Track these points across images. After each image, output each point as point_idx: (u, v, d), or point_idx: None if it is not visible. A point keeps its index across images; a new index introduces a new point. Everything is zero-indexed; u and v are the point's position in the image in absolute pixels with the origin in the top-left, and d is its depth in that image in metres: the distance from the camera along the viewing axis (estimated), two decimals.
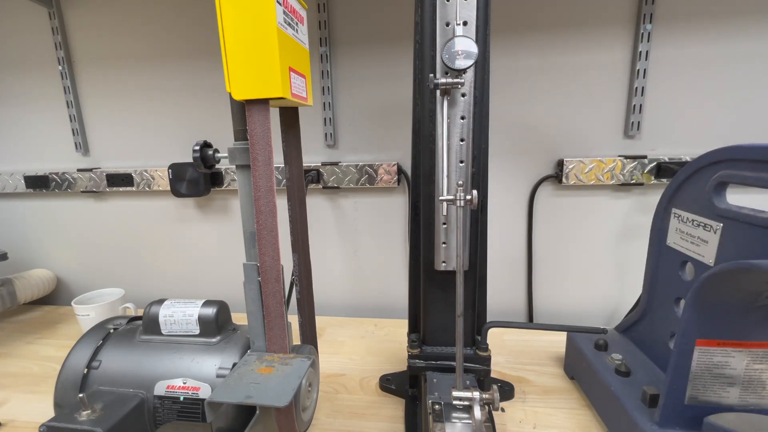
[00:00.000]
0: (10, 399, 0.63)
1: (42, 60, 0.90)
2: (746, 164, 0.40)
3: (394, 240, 0.89)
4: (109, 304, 0.81)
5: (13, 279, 0.90)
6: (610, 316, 0.87)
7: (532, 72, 0.77)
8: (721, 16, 0.70)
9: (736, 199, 0.43)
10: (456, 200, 0.43)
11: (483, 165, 0.50)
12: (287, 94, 0.38)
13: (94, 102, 0.91)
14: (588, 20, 0.73)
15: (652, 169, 0.76)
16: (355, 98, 0.83)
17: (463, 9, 0.45)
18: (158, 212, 0.95)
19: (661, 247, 0.53)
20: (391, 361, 0.70)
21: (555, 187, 0.82)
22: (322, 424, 0.55)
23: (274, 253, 0.41)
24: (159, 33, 0.85)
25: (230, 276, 0.97)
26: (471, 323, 0.55)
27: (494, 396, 0.42)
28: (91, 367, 0.47)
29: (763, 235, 0.38)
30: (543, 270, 0.86)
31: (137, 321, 0.54)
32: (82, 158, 0.95)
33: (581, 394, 0.60)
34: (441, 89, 0.45)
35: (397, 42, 0.79)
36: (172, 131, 0.90)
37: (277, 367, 0.41)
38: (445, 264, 0.52)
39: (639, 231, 0.81)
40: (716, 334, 0.40)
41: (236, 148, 0.42)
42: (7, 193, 0.99)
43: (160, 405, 0.45)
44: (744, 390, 0.41)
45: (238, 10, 0.36)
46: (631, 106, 0.75)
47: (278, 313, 0.42)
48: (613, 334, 0.62)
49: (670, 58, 0.73)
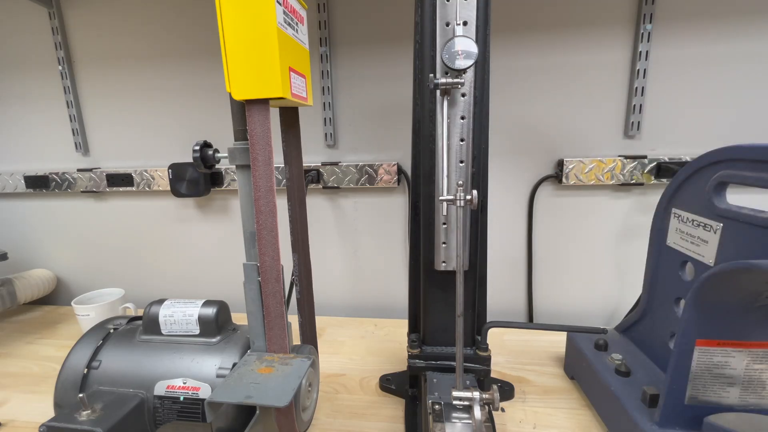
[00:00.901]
0: (10, 399, 0.63)
1: (42, 60, 0.90)
2: (746, 164, 0.40)
3: (394, 240, 0.89)
4: (109, 304, 0.81)
5: (13, 279, 0.90)
6: (610, 316, 0.87)
7: (532, 72, 0.77)
8: (721, 16, 0.70)
9: (736, 199, 0.43)
10: (456, 200, 0.43)
11: (483, 165, 0.50)
12: (287, 94, 0.38)
13: (94, 102, 0.91)
14: (588, 20, 0.73)
15: (652, 169, 0.76)
16: (355, 98, 0.83)
17: (463, 9, 0.45)
18: (158, 212, 0.95)
19: (661, 247, 0.53)
20: (391, 361, 0.70)
21: (555, 187, 0.82)
22: (322, 424, 0.55)
23: (274, 253, 0.41)
24: (159, 33, 0.85)
25: (230, 276, 0.97)
26: (471, 323, 0.55)
27: (494, 396, 0.42)
28: (91, 367, 0.47)
29: (763, 235, 0.38)
30: (543, 270, 0.86)
31: (137, 321, 0.54)
32: (82, 158, 0.95)
33: (581, 394, 0.60)
34: (441, 89, 0.45)
35: (397, 42, 0.79)
36: (172, 131, 0.90)
37: (277, 367, 0.41)
38: (445, 264, 0.52)
39: (639, 231, 0.81)
40: (716, 334, 0.40)
41: (236, 148, 0.42)
42: (7, 193, 0.99)
43: (160, 405, 0.45)
44: (744, 390, 0.41)
45: (238, 10, 0.36)
46: (631, 106, 0.75)
47: (278, 313, 0.42)
48: (613, 334, 0.62)
49: (670, 58, 0.73)
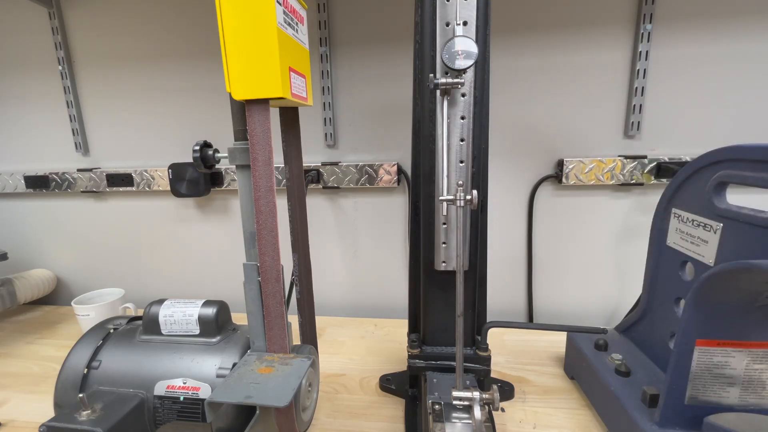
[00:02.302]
0: (10, 399, 0.63)
1: (42, 60, 0.90)
2: (746, 164, 0.40)
3: (394, 240, 0.89)
4: (109, 304, 0.81)
5: (13, 279, 0.90)
6: (610, 316, 0.87)
7: (532, 72, 0.77)
8: (721, 16, 0.70)
9: (736, 199, 0.43)
10: (456, 200, 0.43)
11: (483, 165, 0.50)
12: (287, 94, 0.38)
13: (94, 102, 0.91)
14: (588, 20, 0.73)
15: (652, 169, 0.76)
16: (355, 98, 0.83)
17: (463, 9, 0.45)
18: (158, 212, 0.95)
19: (661, 247, 0.53)
20: (391, 361, 0.70)
21: (555, 187, 0.82)
22: (322, 424, 0.55)
23: (274, 253, 0.41)
24: (159, 33, 0.85)
25: (230, 276, 0.97)
26: (471, 323, 0.55)
27: (494, 396, 0.42)
28: (91, 367, 0.47)
29: (763, 235, 0.38)
30: (543, 270, 0.86)
31: (137, 321, 0.54)
32: (82, 158, 0.95)
33: (581, 394, 0.60)
34: (441, 89, 0.45)
35: (397, 42, 0.79)
36: (172, 131, 0.90)
37: (277, 367, 0.41)
38: (445, 264, 0.52)
39: (639, 231, 0.81)
40: (716, 334, 0.40)
41: (236, 148, 0.42)
42: (7, 193, 0.99)
43: (160, 405, 0.45)
44: (744, 390, 0.41)
45: (238, 10, 0.36)
46: (631, 106, 0.75)
47: (278, 313, 0.42)
48: (613, 334, 0.62)
49: (670, 58, 0.73)
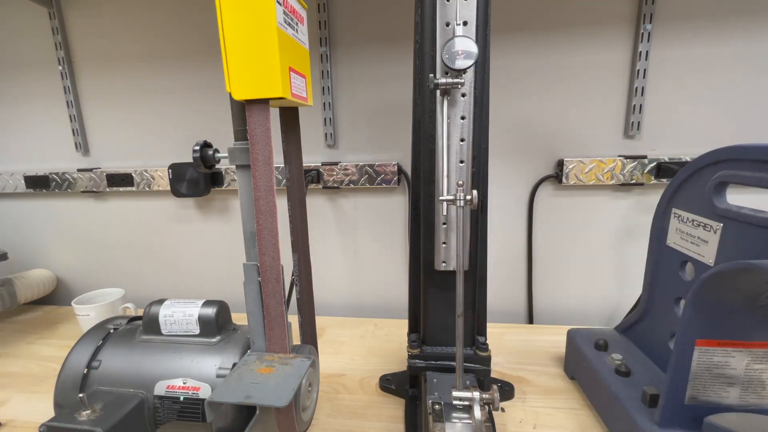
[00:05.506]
0: (10, 399, 0.63)
1: (42, 60, 0.90)
2: (746, 164, 0.40)
3: (394, 240, 0.89)
4: (109, 304, 0.81)
5: (13, 279, 0.90)
6: (610, 316, 0.87)
7: (532, 72, 0.77)
8: (721, 16, 0.70)
9: (736, 199, 0.43)
10: (456, 200, 0.43)
11: (483, 165, 0.50)
12: (287, 94, 0.38)
13: (94, 102, 0.91)
14: (588, 20, 0.73)
15: (652, 169, 0.75)
16: (355, 98, 0.83)
17: (463, 9, 0.45)
18: (158, 212, 0.95)
19: (661, 247, 0.53)
20: (391, 361, 0.70)
21: (555, 187, 0.82)
22: (322, 424, 0.55)
23: (274, 253, 0.41)
24: (159, 33, 0.85)
25: (230, 276, 0.97)
26: (471, 323, 0.55)
27: (494, 396, 0.42)
28: (91, 367, 0.47)
29: (763, 235, 0.38)
30: (543, 270, 0.86)
31: (137, 321, 0.54)
32: (82, 158, 0.95)
33: (581, 394, 0.59)
34: (441, 89, 0.45)
35: (397, 42, 0.79)
36: (172, 131, 0.90)
37: (277, 367, 0.41)
38: (445, 264, 0.52)
39: (639, 231, 0.81)
40: (716, 334, 0.40)
41: (236, 148, 0.42)
42: (7, 193, 0.99)
43: (160, 405, 0.45)
44: (744, 390, 0.41)
45: (238, 10, 0.36)
46: (631, 106, 0.75)
47: (278, 313, 0.42)
48: (613, 334, 0.62)
49: (670, 58, 0.73)
